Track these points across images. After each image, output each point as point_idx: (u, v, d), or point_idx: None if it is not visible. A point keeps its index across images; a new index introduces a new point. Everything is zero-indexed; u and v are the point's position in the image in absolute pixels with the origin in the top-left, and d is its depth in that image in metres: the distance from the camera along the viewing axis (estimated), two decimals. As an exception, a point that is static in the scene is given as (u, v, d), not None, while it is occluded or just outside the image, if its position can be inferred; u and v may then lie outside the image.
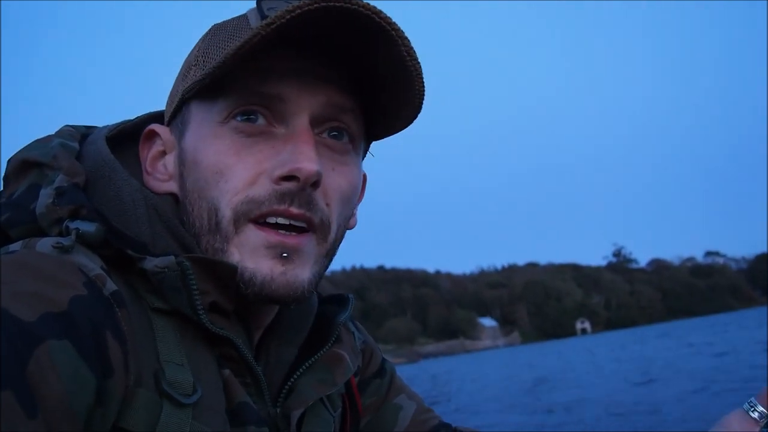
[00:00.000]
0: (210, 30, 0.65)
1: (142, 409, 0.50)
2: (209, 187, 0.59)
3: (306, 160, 0.57)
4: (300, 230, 0.59)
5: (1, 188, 0.63)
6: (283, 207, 0.58)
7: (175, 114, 0.64)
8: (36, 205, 0.56)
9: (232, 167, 0.59)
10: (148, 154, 0.66)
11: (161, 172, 0.65)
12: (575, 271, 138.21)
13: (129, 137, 0.68)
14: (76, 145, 0.63)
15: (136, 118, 0.69)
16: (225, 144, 0.59)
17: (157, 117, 0.69)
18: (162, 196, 0.63)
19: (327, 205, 0.61)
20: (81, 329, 0.45)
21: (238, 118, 0.59)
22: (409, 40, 0.55)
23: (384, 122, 0.65)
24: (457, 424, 0.86)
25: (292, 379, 0.65)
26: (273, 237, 0.58)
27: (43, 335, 0.42)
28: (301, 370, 0.66)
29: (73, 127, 0.66)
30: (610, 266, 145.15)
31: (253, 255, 0.58)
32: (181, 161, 0.63)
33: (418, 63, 0.57)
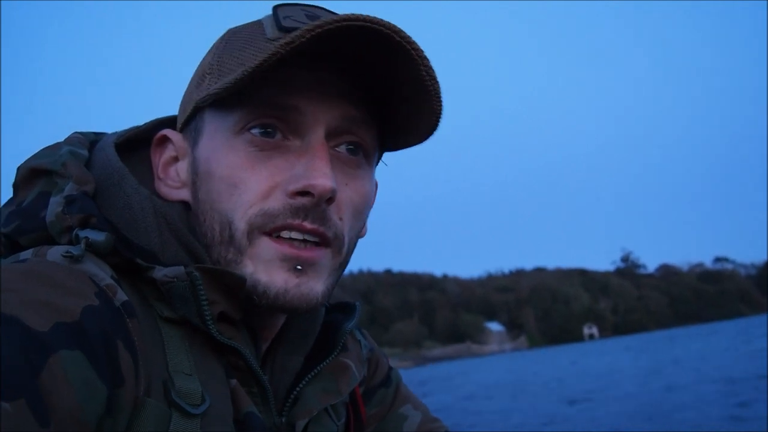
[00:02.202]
0: (225, 35, 0.64)
1: (152, 419, 0.50)
2: (222, 199, 0.60)
3: (321, 176, 0.57)
4: (314, 244, 0.60)
5: (11, 196, 0.62)
6: (297, 222, 0.58)
7: (189, 121, 0.64)
8: (46, 214, 0.57)
9: (246, 181, 0.59)
10: (160, 159, 0.66)
11: (173, 179, 0.65)
12: (583, 275, 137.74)
13: (138, 144, 0.68)
14: (85, 152, 0.62)
15: (145, 124, 0.69)
16: (239, 157, 0.59)
17: (165, 123, 0.69)
18: (171, 204, 0.62)
19: (340, 219, 0.61)
20: (93, 339, 0.46)
21: (254, 131, 0.59)
22: (428, 60, 0.55)
23: (398, 136, 0.66)
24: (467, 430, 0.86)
25: (297, 389, 0.66)
26: (287, 250, 0.58)
27: (55, 345, 0.43)
28: (306, 379, 0.66)
29: (81, 133, 0.66)
30: (618, 271, 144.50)
31: (267, 267, 0.59)
32: (194, 170, 0.63)
33: (437, 83, 0.57)
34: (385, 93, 0.61)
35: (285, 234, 0.58)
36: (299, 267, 0.59)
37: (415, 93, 0.58)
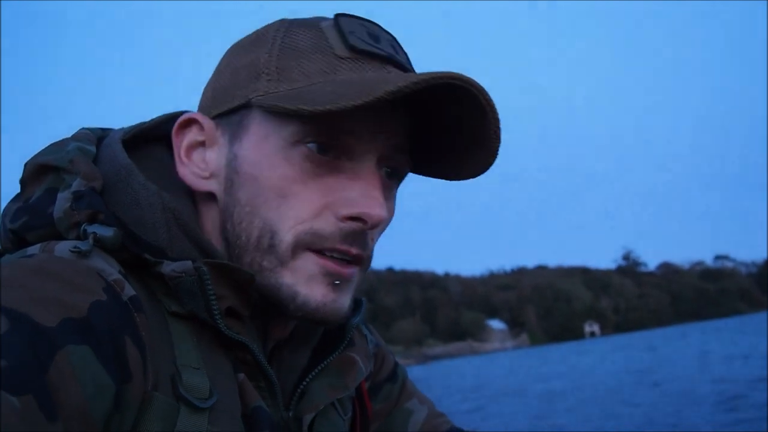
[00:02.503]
0: (279, 28, 0.63)
1: (160, 413, 0.50)
2: (269, 207, 0.59)
3: (378, 206, 0.59)
4: (349, 262, 0.61)
5: (18, 192, 0.62)
6: (345, 247, 0.59)
7: (229, 112, 0.62)
8: (53, 209, 0.56)
9: (298, 195, 0.59)
10: (183, 142, 0.64)
11: (199, 167, 0.63)
12: (584, 274, 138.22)
13: (145, 139, 0.67)
14: (92, 148, 0.62)
15: (152, 120, 0.68)
16: (294, 169, 0.59)
17: (173, 118, 0.67)
18: (179, 199, 0.62)
19: (371, 239, 0.63)
20: (100, 335, 0.46)
21: (311, 146, 0.58)
22: (500, 120, 0.58)
23: (439, 169, 0.67)
24: (469, 427, 0.87)
25: (304, 383, 0.66)
26: (331, 266, 0.59)
27: (63, 341, 0.43)
28: (313, 373, 0.66)
29: (89, 129, 0.66)
30: (619, 269, 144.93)
31: (308, 281, 0.59)
32: (233, 168, 0.61)
33: (499, 141, 0.59)
34: (439, 133, 0.63)
35: (328, 252, 0.59)
36: (337, 282, 0.60)
37: (474, 143, 0.61)
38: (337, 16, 0.62)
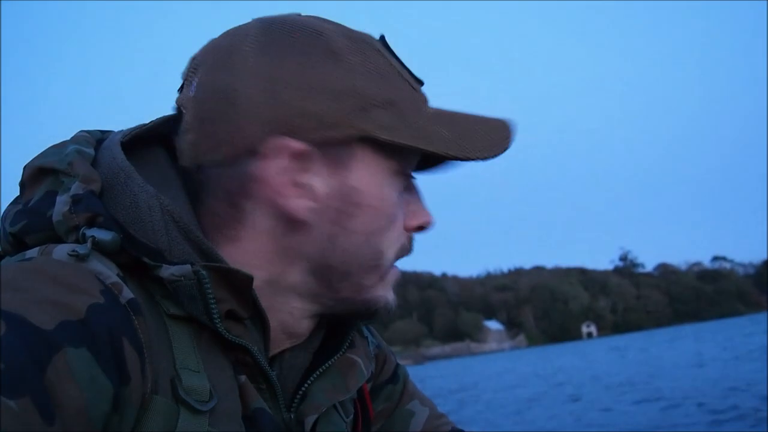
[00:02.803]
0: (351, 45, 0.63)
1: (159, 416, 0.50)
2: (381, 232, 0.63)
3: (430, 213, 0.68)
4: None
5: (17, 195, 0.62)
6: (408, 254, 0.68)
7: (335, 141, 0.61)
8: (52, 213, 0.56)
9: (398, 218, 0.65)
10: (294, 170, 0.60)
11: (307, 197, 0.61)
12: (582, 274, 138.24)
13: (143, 142, 0.66)
14: (91, 151, 0.62)
15: (151, 122, 0.67)
16: (396, 196, 0.64)
17: (172, 120, 0.65)
18: (178, 202, 0.61)
19: None
20: (98, 337, 0.46)
21: (405, 174, 0.65)
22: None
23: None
24: (473, 428, 0.95)
25: (305, 385, 0.66)
26: (398, 273, 0.68)
27: (60, 343, 0.43)
28: (314, 375, 0.66)
29: (87, 132, 0.66)
30: (616, 270, 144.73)
31: (390, 288, 0.67)
32: (347, 199, 0.62)
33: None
34: None
35: None
36: None
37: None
38: (386, 40, 0.66)
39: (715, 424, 8.05)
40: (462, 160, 0.63)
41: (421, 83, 0.66)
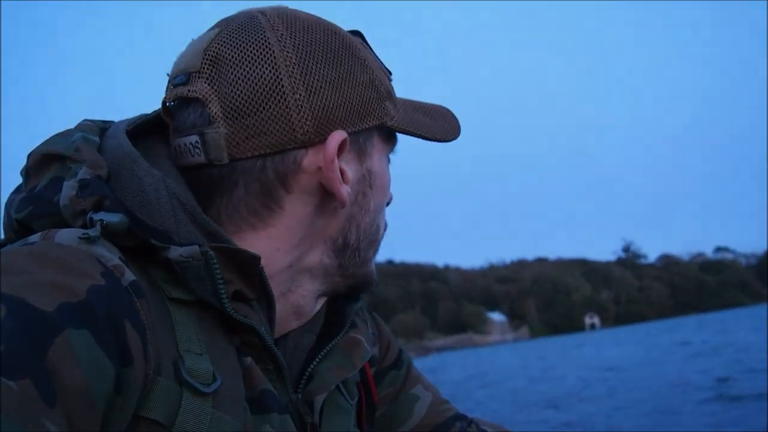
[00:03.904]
0: (352, 41, 0.67)
1: (162, 397, 0.50)
2: (382, 209, 0.72)
3: None
4: None
5: (20, 183, 0.63)
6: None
7: (364, 130, 0.67)
8: (59, 198, 0.56)
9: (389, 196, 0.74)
10: (347, 162, 0.66)
11: (342, 180, 0.65)
12: (584, 266, 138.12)
13: (147, 131, 0.68)
14: (96, 138, 0.63)
15: (154, 111, 0.69)
16: (389, 175, 0.72)
17: (167, 113, 0.67)
18: (183, 184, 0.62)
19: None
20: (99, 318, 0.46)
21: (391, 154, 0.73)
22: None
23: None
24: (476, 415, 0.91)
25: (312, 365, 0.67)
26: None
27: (61, 324, 0.43)
28: (320, 355, 0.68)
29: (91, 121, 0.67)
30: (619, 261, 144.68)
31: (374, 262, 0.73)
32: (368, 182, 0.68)
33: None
34: None
35: None
36: None
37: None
38: (361, 34, 0.70)
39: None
40: (439, 141, 0.70)
41: (390, 74, 0.71)
